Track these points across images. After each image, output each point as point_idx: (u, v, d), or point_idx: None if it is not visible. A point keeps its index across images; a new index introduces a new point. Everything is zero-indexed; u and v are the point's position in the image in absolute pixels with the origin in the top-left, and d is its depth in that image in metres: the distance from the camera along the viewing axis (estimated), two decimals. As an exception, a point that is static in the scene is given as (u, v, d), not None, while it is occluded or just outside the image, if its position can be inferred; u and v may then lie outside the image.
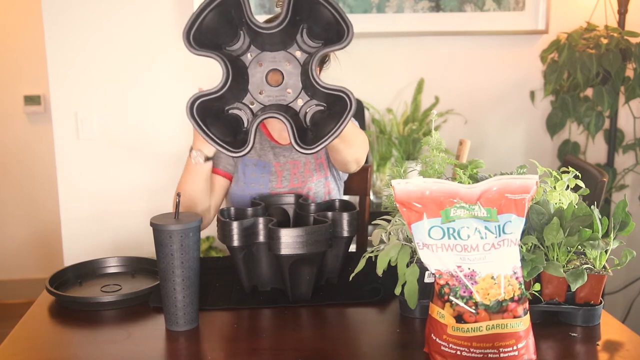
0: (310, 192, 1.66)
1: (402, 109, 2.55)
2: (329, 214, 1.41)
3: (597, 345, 1.18)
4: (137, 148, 2.50)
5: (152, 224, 1.22)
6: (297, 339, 1.22)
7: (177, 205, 1.29)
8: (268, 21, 1.23)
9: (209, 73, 2.47)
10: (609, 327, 1.26)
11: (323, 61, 1.65)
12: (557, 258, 1.22)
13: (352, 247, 1.90)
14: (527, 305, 1.10)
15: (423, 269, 1.21)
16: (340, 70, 1.67)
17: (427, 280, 1.24)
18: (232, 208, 1.46)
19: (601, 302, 1.26)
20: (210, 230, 2.27)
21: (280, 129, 1.69)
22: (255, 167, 1.67)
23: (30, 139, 3.37)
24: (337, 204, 1.51)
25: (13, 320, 1.34)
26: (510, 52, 2.60)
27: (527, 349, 1.08)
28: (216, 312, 1.33)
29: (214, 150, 1.58)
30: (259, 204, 1.48)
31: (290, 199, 1.58)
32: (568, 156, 2.39)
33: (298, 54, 1.22)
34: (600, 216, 1.22)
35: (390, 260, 1.22)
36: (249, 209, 1.45)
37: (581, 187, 1.34)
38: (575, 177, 1.33)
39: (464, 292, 1.08)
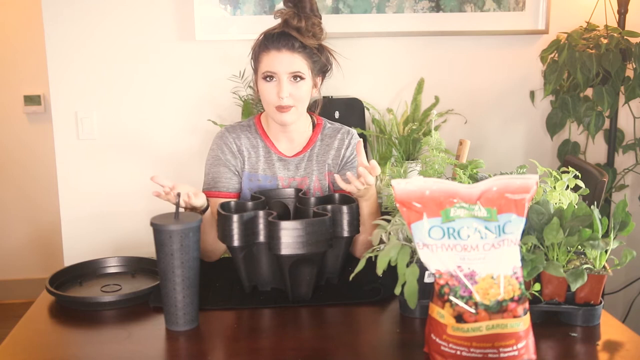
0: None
1: (402, 109, 2.55)
2: (329, 207, 1.41)
3: (597, 345, 1.18)
4: (137, 148, 2.49)
5: (152, 224, 1.22)
6: (297, 339, 1.22)
7: (177, 205, 1.29)
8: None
9: (208, 73, 2.48)
10: (609, 327, 1.26)
11: (325, 71, 1.65)
12: (557, 258, 1.22)
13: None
14: (527, 305, 1.10)
15: (423, 269, 1.21)
16: (340, 72, 1.67)
17: (427, 280, 1.24)
18: (233, 202, 1.45)
19: (601, 302, 1.26)
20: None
21: (283, 141, 1.68)
22: (260, 182, 1.66)
23: (30, 138, 3.37)
24: (336, 197, 1.51)
25: (13, 320, 1.34)
26: (510, 52, 2.60)
27: (527, 349, 1.08)
28: (216, 312, 1.33)
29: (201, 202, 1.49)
30: (260, 198, 1.48)
31: (291, 192, 1.58)
32: (568, 156, 2.39)
33: None
34: (600, 216, 1.22)
35: (390, 260, 1.22)
36: (250, 202, 1.45)
37: (581, 187, 1.34)
38: (575, 177, 1.33)
39: (464, 292, 1.08)
